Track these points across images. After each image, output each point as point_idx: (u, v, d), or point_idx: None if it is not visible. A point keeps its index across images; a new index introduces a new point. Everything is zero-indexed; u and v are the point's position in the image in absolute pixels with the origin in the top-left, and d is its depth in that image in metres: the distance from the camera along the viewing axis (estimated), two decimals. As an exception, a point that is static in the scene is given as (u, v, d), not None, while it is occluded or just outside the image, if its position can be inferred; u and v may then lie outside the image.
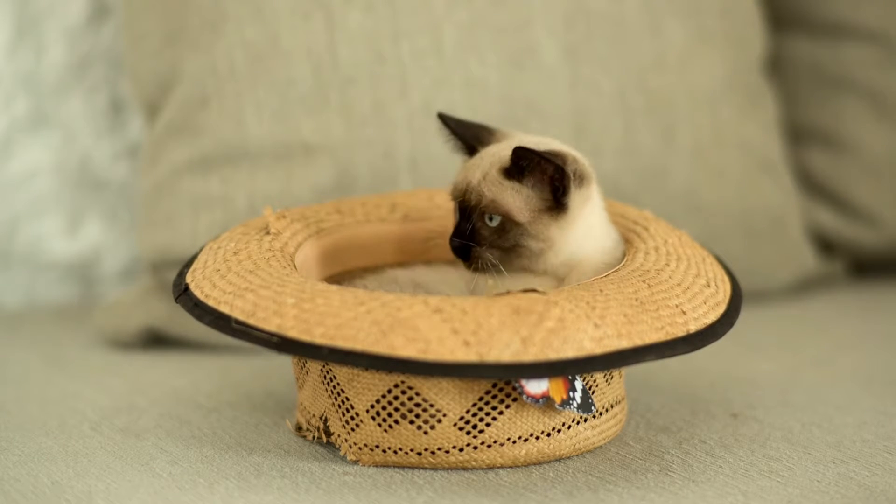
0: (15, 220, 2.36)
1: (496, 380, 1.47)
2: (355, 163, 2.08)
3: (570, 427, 1.52)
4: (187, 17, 2.09)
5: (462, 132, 1.67)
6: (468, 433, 1.49)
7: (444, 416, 1.48)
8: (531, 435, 1.50)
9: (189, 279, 1.57)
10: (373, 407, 1.50)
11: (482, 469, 1.50)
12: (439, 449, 1.49)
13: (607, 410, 1.56)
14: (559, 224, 1.59)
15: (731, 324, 1.55)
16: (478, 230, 1.60)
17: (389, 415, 1.49)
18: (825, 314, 2.28)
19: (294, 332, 1.43)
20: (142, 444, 1.61)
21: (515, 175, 1.58)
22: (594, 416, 1.54)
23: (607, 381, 1.55)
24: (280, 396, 1.78)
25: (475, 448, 1.49)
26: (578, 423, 1.52)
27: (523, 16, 2.16)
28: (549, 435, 1.51)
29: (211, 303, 1.51)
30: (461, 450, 1.49)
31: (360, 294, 1.45)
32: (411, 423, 1.49)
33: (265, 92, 2.08)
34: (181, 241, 2.08)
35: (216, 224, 2.06)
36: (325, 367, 1.53)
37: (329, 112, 2.08)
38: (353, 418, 1.51)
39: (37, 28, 2.33)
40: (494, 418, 1.48)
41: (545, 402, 1.46)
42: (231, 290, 1.50)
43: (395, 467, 1.51)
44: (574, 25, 2.18)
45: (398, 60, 2.10)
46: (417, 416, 1.49)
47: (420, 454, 1.49)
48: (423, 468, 1.50)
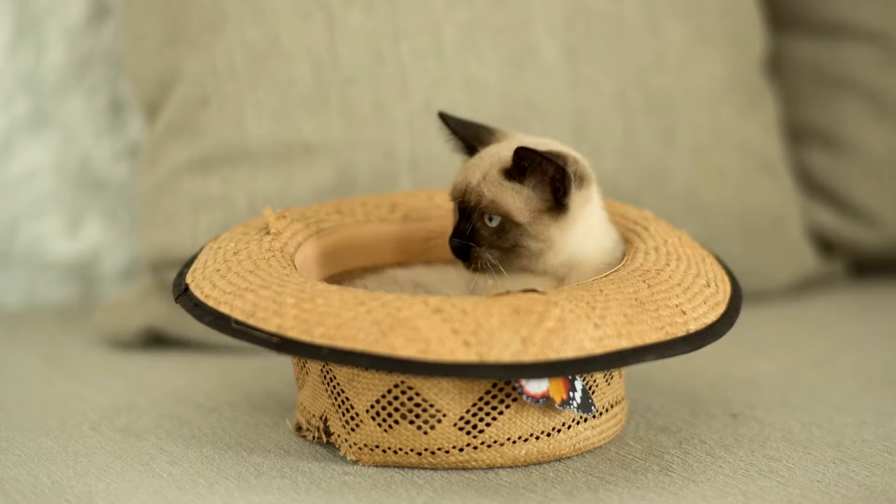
0: (15, 220, 2.36)
1: (496, 380, 1.47)
2: (355, 163, 2.08)
3: (570, 427, 1.52)
4: (187, 17, 2.09)
5: (462, 132, 1.67)
6: (468, 433, 1.48)
7: (444, 416, 1.48)
8: (531, 435, 1.50)
9: (189, 279, 1.57)
10: (373, 407, 1.50)
11: (482, 469, 1.50)
12: (439, 449, 1.49)
13: (607, 410, 1.56)
14: (559, 224, 1.59)
15: (731, 324, 1.55)
16: (477, 230, 1.60)
17: (389, 415, 1.49)
18: (825, 314, 2.28)
19: (294, 332, 1.43)
20: (142, 444, 1.61)
21: (516, 175, 1.58)
22: (594, 416, 1.54)
23: (607, 381, 1.55)
24: (280, 396, 1.78)
25: (475, 448, 1.49)
26: (578, 423, 1.52)
27: (523, 16, 2.15)
28: (549, 435, 1.51)
29: (211, 303, 1.51)
30: (461, 450, 1.49)
31: (360, 294, 1.45)
32: (411, 423, 1.49)
33: (265, 92, 2.08)
34: (181, 241, 2.08)
35: (216, 224, 2.06)
36: (325, 367, 1.53)
37: (329, 112, 2.08)
38: (353, 418, 1.51)
39: (37, 28, 2.33)
40: (494, 418, 1.48)
41: (545, 402, 1.46)
42: (231, 290, 1.50)
43: (395, 467, 1.51)
44: (574, 25, 2.17)
45: (398, 60, 2.10)
46: (417, 416, 1.49)
47: (420, 454, 1.49)
48: (423, 468, 1.50)
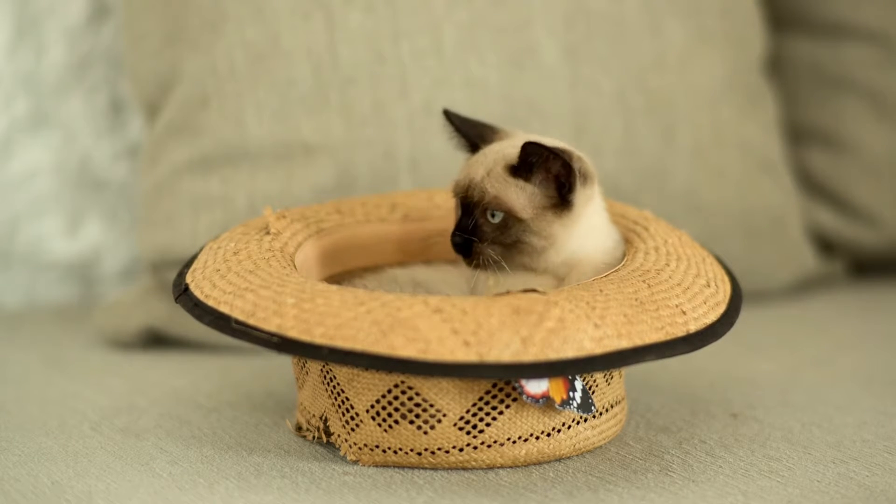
0: (15, 220, 2.36)
1: (496, 380, 1.47)
2: (355, 163, 2.08)
3: (570, 427, 1.52)
4: (187, 17, 2.09)
5: (466, 130, 1.67)
6: (468, 433, 1.48)
7: (444, 416, 1.48)
8: (531, 435, 1.50)
9: (189, 279, 1.57)
10: (373, 407, 1.50)
11: (482, 469, 1.50)
12: (439, 449, 1.49)
13: (607, 410, 1.56)
14: (562, 222, 1.59)
15: (731, 324, 1.55)
16: (480, 226, 1.60)
17: (389, 415, 1.49)
18: (825, 314, 2.28)
19: (294, 332, 1.43)
20: (142, 444, 1.61)
21: (521, 171, 1.58)
22: (594, 416, 1.54)
23: (607, 381, 1.55)
24: (280, 396, 1.78)
25: (475, 448, 1.49)
26: (578, 423, 1.52)
27: (523, 16, 2.15)
28: (549, 435, 1.51)
29: (211, 303, 1.51)
30: (461, 450, 1.49)
31: (360, 294, 1.45)
32: (411, 423, 1.49)
33: (265, 92, 2.08)
34: (181, 241, 2.08)
35: (216, 224, 2.06)
36: (325, 367, 1.53)
37: (329, 112, 2.08)
38: (353, 418, 1.51)
39: (37, 28, 2.33)
40: (494, 418, 1.48)
41: (545, 402, 1.46)
42: (231, 290, 1.50)
43: (395, 467, 1.51)
44: (574, 25, 2.17)
45: (398, 60, 2.10)
46: (417, 416, 1.49)
47: (420, 454, 1.49)
48: (423, 468, 1.50)
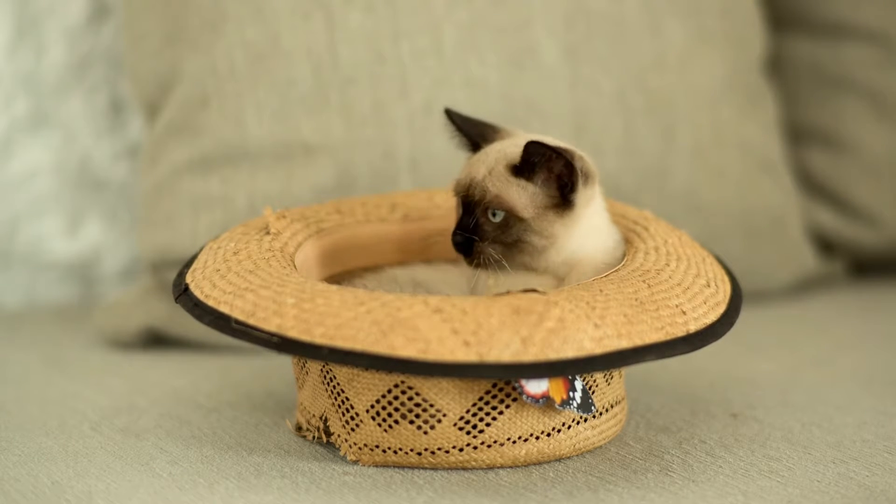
0: (15, 220, 2.36)
1: (496, 380, 1.47)
2: (355, 163, 2.08)
3: (570, 427, 1.52)
4: (187, 17, 2.09)
5: (467, 129, 1.67)
6: (468, 433, 1.48)
7: (444, 416, 1.48)
8: (531, 435, 1.50)
9: (189, 279, 1.57)
10: (373, 407, 1.50)
11: (482, 469, 1.50)
12: (439, 449, 1.49)
13: (607, 410, 1.56)
14: (563, 221, 1.59)
15: (731, 324, 1.55)
16: (481, 225, 1.60)
17: (389, 415, 1.49)
18: (825, 314, 2.28)
19: (294, 332, 1.43)
20: (142, 444, 1.61)
21: (523, 170, 1.58)
22: (594, 416, 1.54)
23: (607, 381, 1.55)
24: (280, 396, 1.78)
25: (475, 448, 1.49)
26: (578, 423, 1.52)
27: (523, 16, 2.15)
28: (549, 435, 1.51)
29: (211, 303, 1.51)
30: (461, 450, 1.49)
31: (360, 294, 1.45)
32: (411, 423, 1.49)
33: (265, 92, 2.08)
34: (181, 241, 2.08)
35: (216, 224, 2.06)
36: (325, 367, 1.53)
37: (329, 112, 2.08)
38: (353, 418, 1.51)
39: (37, 28, 2.33)
40: (494, 418, 1.48)
41: (545, 402, 1.46)
42: (231, 290, 1.50)
43: (395, 467, 1.51)
44: (574, 25, 2.17)
45: (398, 60, 2.10)
46: (417, 416, 1.49)
47: (420, 454, 1.49)
48: (423, 468, 1.50)
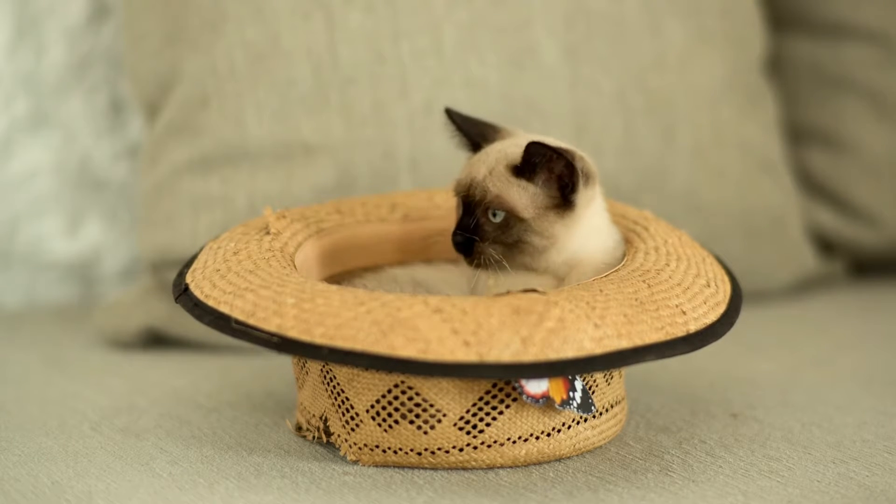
0: (15, 220, 2.36)
1: (496, 380, 1.47)
2: (355, 163, 2.08)
3: (570, 427, 1.52)
4: (187, 17, 2.09)
5: (468, 129, 1.67)
6: (468, 433, 1.48)
7: (444, 416, 1.48)
8: (531, 435, 1.50)
9: (189, 279, 1.57)
10: (373, 407, 1.50)
11: (482, 469, 1.50)
12: (439, 449, 1.49)
13: (607, 410, 1.56)
14: (564, 222, 1.59)
15: (731, 324, 1.55)
16: (481, 226, 1.60)
17: (389, 415, 1.49)
18: (825, 314, 2.28)
19: (294, 332, 1.43)
20: (142, 444, 1.61)
21: (524, 171, 1.58)
22: (594, 416, 1.54)
23: (607, 381, 1.55)
24: (280, 396, 1.78)
25: (475, 448, 1.49)
26: (578, 423, 1.52)
27: (523, 16, 2.15)
28: (549, 435, 1.51)
29: (211, 303, 1.51)
30: (461, 450, 1.49)
31: (360, 294, 1.45)
32: (411, 423, 1.49)
33: (265, 92, 2.08)
34: (181, 241, 2.08)
35: (216, 224, 2.06)
36: (325, 367, 1.53)
37: (329, 112, 2.08)
38: (353, 418, 1.51)
39: (37, 28, 2.33)
40: (494, 418, 1.48)
41: (545, 402, 1.46)
42: (231, 290, 1.50)
43: (395, 467, 1.51)
44: (574, 25, 2.17)
45: (398, 60, 2.10)
46: (417, 416, 1.49)
47: (420, 454, 1.49)
48: (423, 468, 1.50)
